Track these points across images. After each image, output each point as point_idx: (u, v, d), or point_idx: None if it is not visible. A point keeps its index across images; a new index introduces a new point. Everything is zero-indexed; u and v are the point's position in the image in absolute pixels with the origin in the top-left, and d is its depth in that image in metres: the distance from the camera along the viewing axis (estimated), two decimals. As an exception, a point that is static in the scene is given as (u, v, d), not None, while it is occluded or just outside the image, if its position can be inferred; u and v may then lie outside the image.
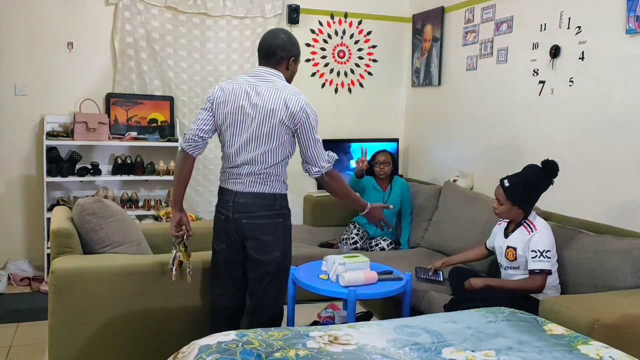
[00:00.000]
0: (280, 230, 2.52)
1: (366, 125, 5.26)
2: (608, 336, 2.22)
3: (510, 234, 2.98)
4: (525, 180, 2.91)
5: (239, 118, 2.45)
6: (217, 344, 1.85)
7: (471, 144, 4.45)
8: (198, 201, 4.85)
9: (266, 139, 2.43)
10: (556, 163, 2.90)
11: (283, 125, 2.42)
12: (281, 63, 2.51)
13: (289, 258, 2.61)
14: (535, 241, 2.83)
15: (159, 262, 2.70)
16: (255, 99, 2.43)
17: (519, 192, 2.89)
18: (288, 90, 2.44)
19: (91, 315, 2.55)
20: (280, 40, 2.50)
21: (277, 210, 2.50)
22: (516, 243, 2.91)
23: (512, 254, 2.92)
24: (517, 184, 2.90)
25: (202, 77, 4.75)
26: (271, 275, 2.53)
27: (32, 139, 4.43)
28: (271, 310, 2.59)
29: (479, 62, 4.34)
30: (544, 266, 2.80)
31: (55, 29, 4.38)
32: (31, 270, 4.33)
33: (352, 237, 4.21)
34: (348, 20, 5.16)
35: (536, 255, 2.81)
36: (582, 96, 3.41)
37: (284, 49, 2.49)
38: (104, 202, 2.80)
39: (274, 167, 2.47)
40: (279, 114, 2.40)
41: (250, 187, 2.47)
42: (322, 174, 2.51)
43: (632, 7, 3.03)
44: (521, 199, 2.90)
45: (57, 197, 4.46)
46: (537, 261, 2.81)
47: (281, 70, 2.51)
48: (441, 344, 2.01)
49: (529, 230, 2.88)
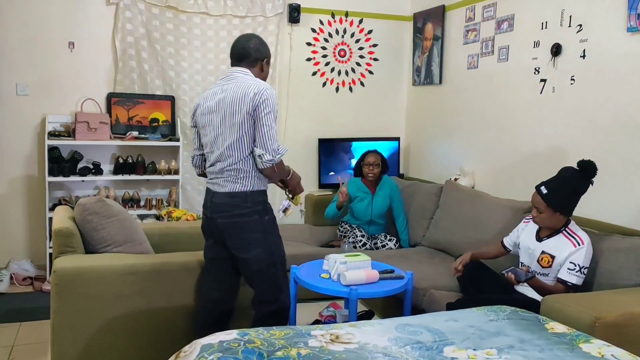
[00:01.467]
0: (259, 227, 2.52)
1: (367, 124, 5.26)
2: (609, 334, 2.22)
3: (545, 238, 2.87)
4: (563, 184, 2.77)
5: (207, 118, 2.57)
6: (218, 343, 1.85)
7: (472, 143, 4.45)
8: (200, 201, 4.82)
9: (230, 130, 2.49)
10: (593, 162, 2.76)
11: (247, 115, 2.45)
12: (255, 65, 2.61)
13: (277, 252, 2.58)
14: (579, 256, 2.73)
15: (161, 262, 2.70)
16: (220, 96, 2.53)
17: (558, 198, 2.75)
18: (252, 82, 2.51)
19: (93, 315, 2.56)
20: (252, 43, 2.61)
21: (249, 207, 2.50)
22: (555, 251, 2.80)
23: (548, 260, 2.81)
24: (556, 190, 2.76)
25: (203, 77, 4.76)
26: (261, 272, 2.55)
27: (33, 139, 4.44)
28: (272, 305, 2.58)
29: (480, 60, 4.34)
30: (577, 281, 2.73)
31: (56, 28, 4.38)
32: (33, 270, 4.34)
33: (360, 239, 4.18)
34: (349, 19, 5.16)
35: (574, 269, 2.72)
36: (583, 94, 3.41)
37: (257, 50, 2.60)
38: (105, 202, 2.81)
39: (242, 161, 2.49)
40: (241, 103, 2.45)
41: (224, 187, 2.53)
42: (273, 164, 2.46)
43: (634, 5, 3.02)
44: (561, 205, 2.76)
45: (58, 197, 4.47)
46: (572, 274, 2.72)
47: (254, 72, 2.60)
48: (443, 343, 2.01)
49: (575, 244, 2.76)
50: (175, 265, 2.71)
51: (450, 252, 3.96)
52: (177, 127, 4.66)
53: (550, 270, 2.83)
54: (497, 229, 3.56)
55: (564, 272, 2.77)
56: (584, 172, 2.79)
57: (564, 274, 2.76)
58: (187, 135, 4.74)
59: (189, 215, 4.25)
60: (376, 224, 4.31)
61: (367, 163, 4.27)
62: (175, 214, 4.26)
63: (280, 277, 2.61)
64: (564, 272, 2.77)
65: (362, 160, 4.32)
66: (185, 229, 3.48)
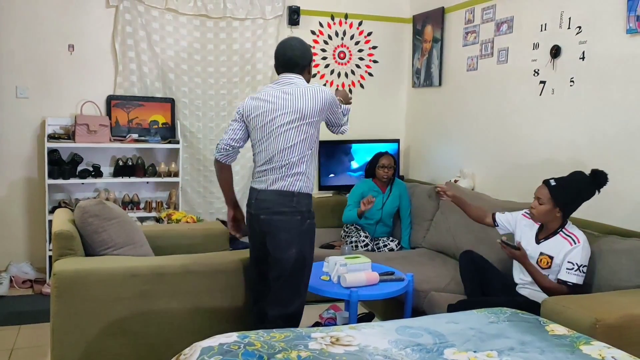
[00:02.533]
0: (298, 228, 2.58)
1: (367, 126, 5.26)
2: (610, 336, 2.22)
3: (543, 240, 2.90)
4: (573, 184, 2.81)
5: (265, 119, 2.61)
6: (219, 345, 1.85)
7: (472, 145, 4.45)
8: (200, 203, 4.85)
9: (290, 135, 2.57)
10: (606, 174, 2.80)
11: (310, 119, 2.58)
12: (304, 70, 2.71)
13: (308, 258, 2.63)
14: (575, 254, 2.76)
15: (161, 264, 2.70)
16: (283, 98, 2.59)
17: (564, 195, 2.79)
18: (312, 86, 2.63)
19: (93, 317, 2.56)
20: (298, 51, 2.69)
21: (294, 207, 2.56)
22: (554, 252, 2.82)
23: (547, 261, 2.84)
24: (564, 187, 2.80)
25: (203, 79, 4.76)
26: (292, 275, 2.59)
27: (33, 141, 4.44)
28: (288, 309, 2.60)
29: (479, 62, 4.35)
30: (577, 280, 2.75)
31: (56, 31, 4.38)
32: (33, 273, 4.34)
33: (362, 239, 4.19)
34: (348, 21, 5.17)
35: (573, 268, 2.75)
36: (582, 96, 3.41)
37: (303, 58, 2.70)
38: (105, 204, 2.80)
39: (296, 164, 2.57)
40: (305, 109, 2.56)
41: (272, 185, 2.59)
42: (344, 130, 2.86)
43: (633, 6, 3.03)
44: (565, 202, 2.80)
45: (58, 200, 4.46)
46: (572, 274, 2.75)
47: (304, 77, 2.71)
48: (443, 345, 2.01)
49: (570, 242, 2.79)
50: (176, 268, 2.71)
51: (450, 254, 3.96)
52: (177, 129, 4.66)
53: (550, 271, 2.84)
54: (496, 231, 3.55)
55: (563, 272, 2.78)
56: (594, 179, 2.83)
57: (564, 274, 2.77)
58: (187, 137, 4.74)
59: (189, 218, 4.25)
60: (384, 225, 4.33)
61: (381, 165, 4.33)
62: (175, 217, 4.26)
63: (302, 286, 2.65)
64: (563, 272, 2.78)
65: (376, 162, 4.36)
66: (185, 231, 3.48)
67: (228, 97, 4.83)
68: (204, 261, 2.78)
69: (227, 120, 4.84)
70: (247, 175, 4.79)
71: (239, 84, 4.85)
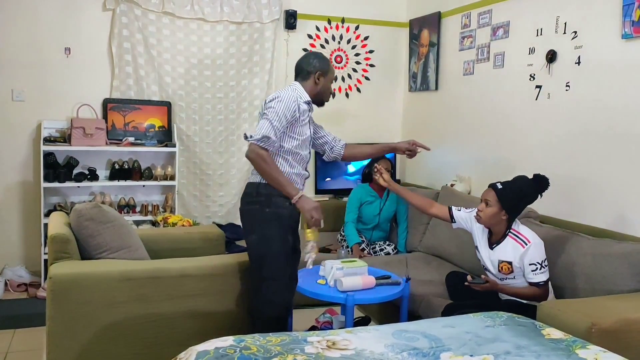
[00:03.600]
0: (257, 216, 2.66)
1: (364, 130, 5.27)
2: (606, 340, 2.22)
3: (495, 245, 2.93)
4: (518, 187, 2.88)
5: None
6: (214, 349, 1.85)
7: (468, 149, 4.46)
8: (196, 206, 4.84)
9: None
10: (547, 178, 2.89)
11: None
12: (308, 77, 2.79)
13: (267, 245, 2.64)
14: (532, 255, 2.80)
15: (157, 268, 2.70)
16: None
17: (510, 198, 2.85)
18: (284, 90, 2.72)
19: (89, 321, 2.55)
20: (308, 58, 2.83)
21: (254, 198, 2.66)
22: (510, 257, 2.86)
23: (507, 267, 2.87)
24: (510, 189, 2.87)
25: (200, 83, 4.76)
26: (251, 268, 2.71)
27: (29, 145, 4.42)
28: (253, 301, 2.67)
29: (475, 67, 4.36)
30: (545, 277, 2.80)
31: (52, 34, 4.38)
32: (28, 276, 4.32)
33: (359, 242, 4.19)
34: (345, 25, 5.18)
35: (537, 268, 2.79)
36: (578, 101, 3.43)
37: (309, 64, 2.79)
38: (101, 208, 2.80)
39: None
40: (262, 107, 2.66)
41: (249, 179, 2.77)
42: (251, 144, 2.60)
43: (628, 12, 3.04)
44: (511, 205, 2.85)
45: (54, 203, 4.45)
46: (539, 274, 2.79)
47: (308, 85, 2.79)
48: (439, 349, 2.00)
49: (521, 243, 2.83)
50: (172, 271, 2.70)
51: (446, 258, 3.96)
52: (174, 132, 4.66)
53: (514, 274, 2.88)
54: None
55: (530, 275, 2.82)
56: (537, 183, 2.90)
57: (531, 276, 2.81)
58: (184, 141, 4.74)
59: (185, 221, 4.25)
60: (381, 230, 4.32)
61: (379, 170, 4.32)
62: (171, 220, 4.25)
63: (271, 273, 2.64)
64: (530, 275, 2.82)
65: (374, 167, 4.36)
66: (182, 234, 3.47)
67: (225, 101, 4.83)
68: (200, 265, 2.78)
69: (224, 124, 4.85)
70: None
71: (236, 88, 4.85)
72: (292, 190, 2.63)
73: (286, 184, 2.63)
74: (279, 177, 2.62)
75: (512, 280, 2.90)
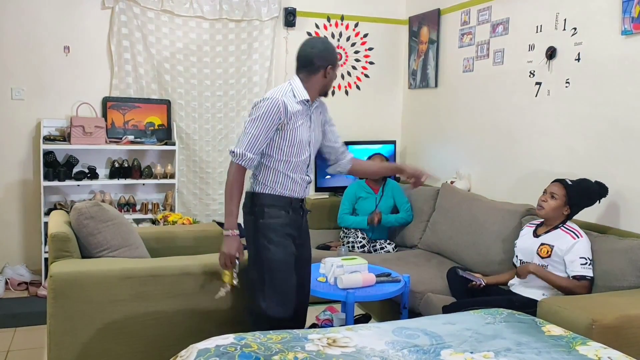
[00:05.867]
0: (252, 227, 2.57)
1: (363, 128, 5.27)
2: (606, 337, 2.23)
3: (543, 234, 2.98)
4: (586, 187, 2.96)
5: None
6: (215, 347, 1.85)
7: (468, 146, 4.46)
8: (196, 204, 4.84)
9: None
10: (607, 187, 2.97)
11: None
12: (318, 71, 2.52)
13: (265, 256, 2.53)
14: (582, 248, 2.82)
15: (157, 266, 2.70)
16: None
17: (577, 195, 2.93)
18: (276, 90, 2.51)
19: (90, 320, 2.55)
20: (316, 48, 2.51)
21: (249, 207, 2.57)
22: (554, 242, 2.89)
23: (547, 250, 2.90)
24: (578, 188, 2.94)
25: (199, 81, 4.75)
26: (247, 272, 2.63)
27: (28, 143, 4.42)
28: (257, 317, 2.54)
29: (475, 63, 4.35)
30: (592, 274, 2.80)
31: (51, 32, 4.37)
32: (29, 275, 4.32)
33: (359, 240, 4.20)
34: (344, 22, 5.17)
35: (586, 263, 2.80)
36: (578, 97, 3.42)
37: (320, 57, 2.50)
38: (101, 206, 2.80)
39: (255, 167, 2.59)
40: None
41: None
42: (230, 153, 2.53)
43: (628, 8, 3.04)
44: (575, 202, 2.93)
45: (54, 201, 4.45)
46: (586, 268, 2.80)
47: (316, 79, 2.52)
48: (440, 346, 2.01)
49: (573, 236, 2.86)
50: (172, 270, 2.70)
51: (446, 255, 3.96)
52: (173, 131, 4.66)
53: (550, 260, 2.88)
54: (493, 231, 3.56)
55: (578, 268, 2.80)
56: (600, 188, 2.98)
57: (579, 270, 2.80)
58: (183, 139, 4.74)
59: (185, 220, 4.24)
60: (380, 227, 4.32)
61: None
62: (171, 218, 4.25)
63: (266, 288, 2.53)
64: (578, 268, 2.80)
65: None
66: (182, 233, 3.47)
67: (224, 99, 4.83)
68: (201, 263, 2.77)
69: (224, 122, 4.84)
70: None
71: (235, 86, 4.85)
72: (228, 222, 2.47)
73: (229, 214, 2.48)
74: (230, 203, 2.48)
75: (545, 269, 2.90)
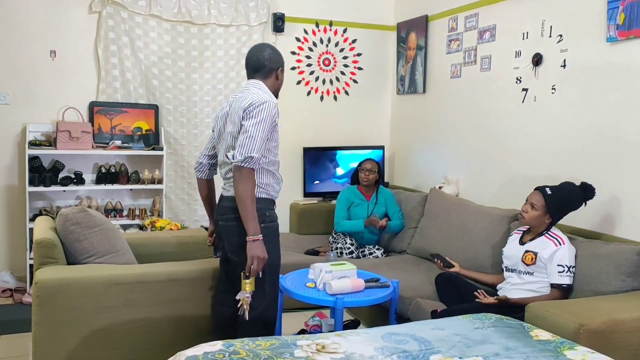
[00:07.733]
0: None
1: (352, 133, 5.28)
2: (593, 341, 2.24)
3: (528, 242, 2.99)
4: (566, 193, 2.94)
5: (217, 125, 2.70)
6: (203, 354, 1.84)
7: (456, 151, 4.48)
8: (184, 210, 4.82)
9: (228, 138, 2.56)
10: (594, 187, 2.95)
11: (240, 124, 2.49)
12: (270, 75, 2.65)
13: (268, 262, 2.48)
14: (563, 255, 2.83)
15: (145, 272, 2.68)
16: (228, 106, 2.62)
17: (557, 203, 2.91)
18: (257, 92, 2.52)
19: (76, 327, 2.52)
20: (266, 53, 2.65)
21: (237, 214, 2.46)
22: (538, 249, 2.91)
23: (531, 257, 2.91)
24: (558, 195, 2.93)
25: (187, 85, 4.74)
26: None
27: (14, 148, 4.37)
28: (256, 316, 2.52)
29: (463, 70, 4.38)
30: (569, 281, 2.82)
31: (37, 37, 4.33)
32: (13, 282, 4.26)
33: (348, 246, 4.19)
34: (333, 28, 5.19)
35: (564, 270, 2.81)
36: (564, 103, 3.46)
37: (271, 60, 2.64)
38: (88, 212, 2.77)
39: None
40: (238, 114, 2.50)
41: (228, 191, 2.58)
42: (235, 163, 2.42)
43: (613, 15, 3.08)
44: (556, 210, 2.92)
45: (39, 207, 4.40)
46: (564, 276, 2.81)
47: (269, 82, 2.64)
48: (429, 351, 2.01)
49: (555, 243, 2.88)
50: (159, 276, 2.68)
51: (435, 260, 3.97)
52: (161, 136, 4.63)
53: (535, 267, 2.90)
54: (481, 236, 3.58)
55: (555, 276, 2.82)
56: (584, 191, 2.96)
57: (556, 277, 2.82)
58: (171, 144, 4.71)
59: (173, 225, 4.21)
60: (371, 233, 4.32)
61: (363, 168, 4.36)
62: (159, 224, 4.22)
63: (267, 287, 2.56)
64: (555, 276, 2.83)
65: (359, 166, 4.39)
66: (169, 238, 3.45)
67: (212, 104, 4.81)
68: (188, 269, 2.76)
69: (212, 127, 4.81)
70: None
71: (224, 91, 4.83)
72: (254, 227, 2.41)
73: (252, 218, 2.41)
74: (251, 207, 2.41)
75: (531, 277, 2.91)
